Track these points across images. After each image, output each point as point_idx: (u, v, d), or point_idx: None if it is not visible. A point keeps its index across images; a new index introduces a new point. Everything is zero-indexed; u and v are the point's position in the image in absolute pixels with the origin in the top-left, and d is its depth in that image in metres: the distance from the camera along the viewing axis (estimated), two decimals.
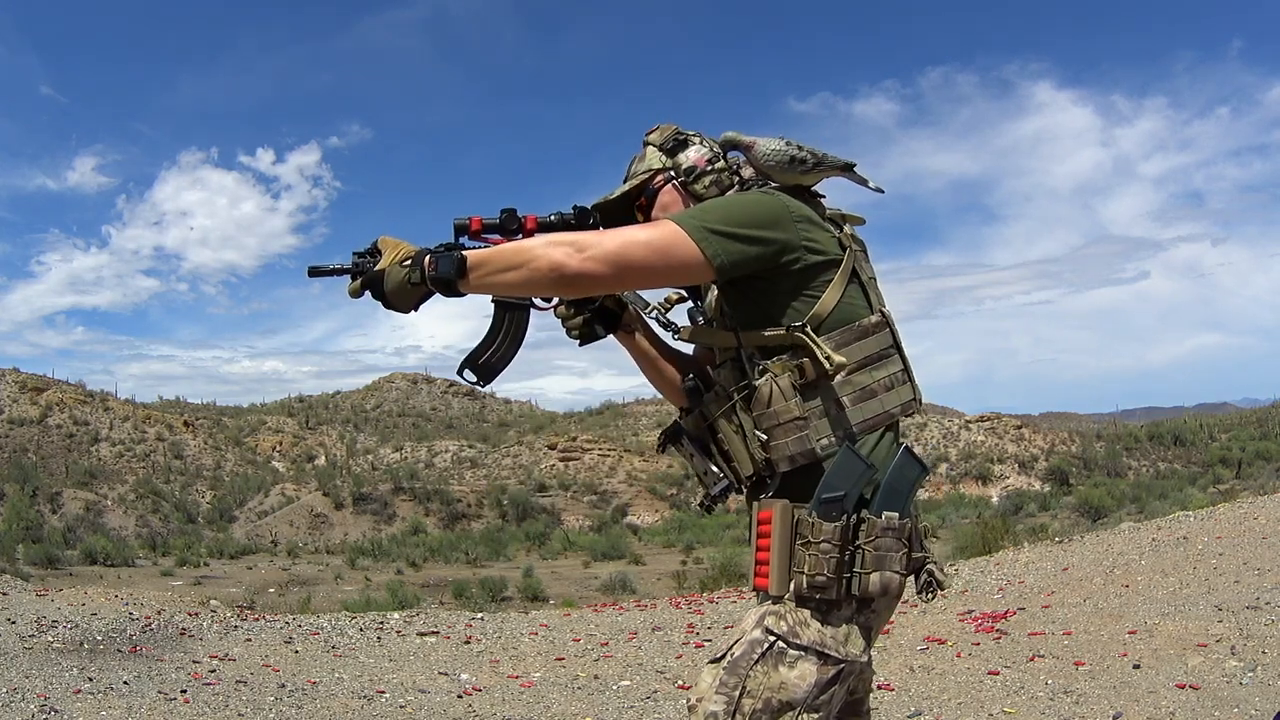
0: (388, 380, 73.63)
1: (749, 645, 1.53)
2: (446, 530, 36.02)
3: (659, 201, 1.75)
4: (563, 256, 1.49)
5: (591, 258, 1.49)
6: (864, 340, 1.60)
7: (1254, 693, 4.01)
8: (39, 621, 6.40)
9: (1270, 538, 7.38)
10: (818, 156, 1.66)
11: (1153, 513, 15.59)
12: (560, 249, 1.49)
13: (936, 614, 6.09)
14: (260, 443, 56.36)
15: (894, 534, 1.51)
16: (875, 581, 1.50)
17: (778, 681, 1.50)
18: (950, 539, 13.88)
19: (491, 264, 1.54)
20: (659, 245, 1.52)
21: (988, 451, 43.01)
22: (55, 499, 37.92)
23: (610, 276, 1.52)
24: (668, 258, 1.52)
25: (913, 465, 1.56)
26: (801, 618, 1.52)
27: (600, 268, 1.50)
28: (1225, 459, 33.61)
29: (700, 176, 1.72)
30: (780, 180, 1.67)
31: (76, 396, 51.95)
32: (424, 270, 1.55)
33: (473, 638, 6.51)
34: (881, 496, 1.53)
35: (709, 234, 1.52)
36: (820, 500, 1.51)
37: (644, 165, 1.77)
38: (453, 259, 1.54)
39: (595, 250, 1.49)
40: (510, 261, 1.52)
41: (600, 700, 4.79)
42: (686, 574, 18.41)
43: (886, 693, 4.50)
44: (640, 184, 1.76)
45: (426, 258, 1.56)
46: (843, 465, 1.52)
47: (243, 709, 4.48)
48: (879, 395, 1.59)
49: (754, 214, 1.56)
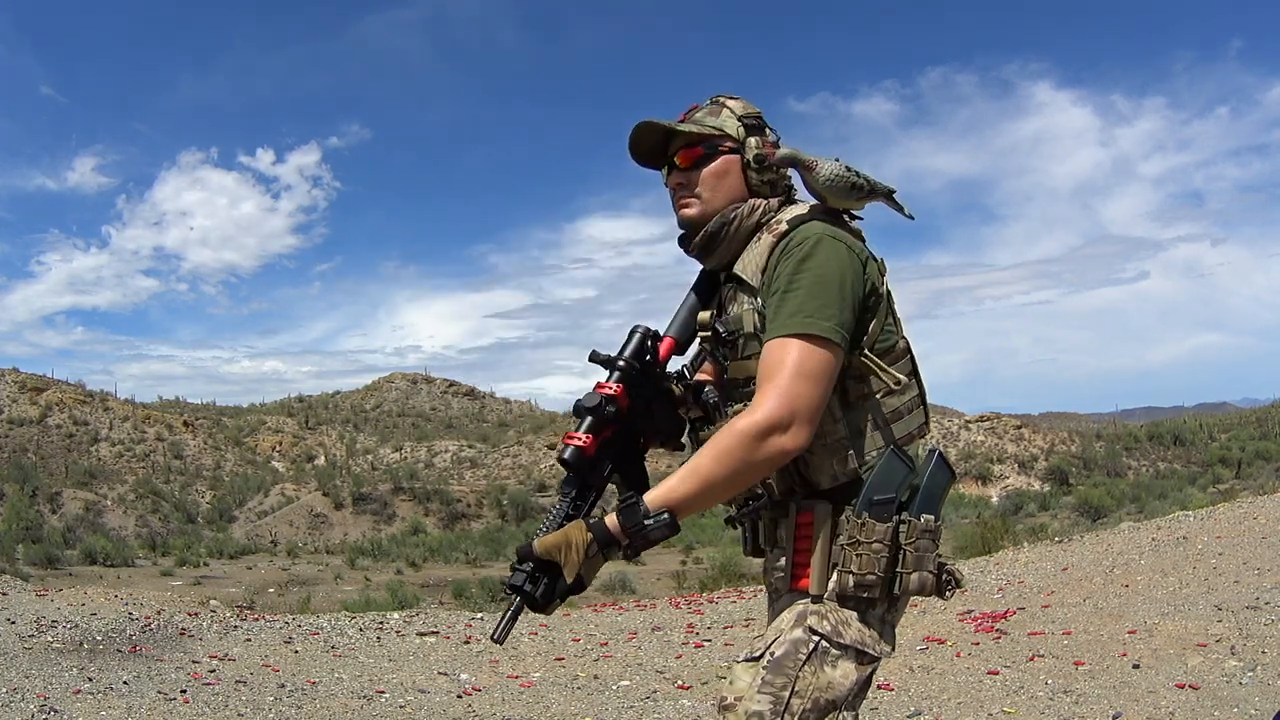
0: (387, 380, 73.51)
1: (792, 645, 1.53)
2: (446, 530, 35.99)
3: (715, 167, 1.67)
4: (779, 445, 1.46)
5: (800, 430, 1.47)
6: (898, 364, 1.63)
7: (1254, 692, 4.01)
8: (39, 621, 6.40)
9: (1270, 537, 7.38)
10: (871, 184, 1.65)
11: (1152, 512, 15.60)
12: (772, 439, 1.46)
13: (936, 614, 6.09)
14: (260, 443, 56.31)
15: (930, 536, 1.54)
16: (915, 580, 1.53)
17: (825, 681, 1.51)
18: (950, 539, 13.88)
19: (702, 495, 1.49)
20: (821, 373, 1.49)
21: (987, 451, 42.97)
22: (55, 499, 37.88)
23: (814, 432, 1.51)
24: (832, 378, 1.52)
25: (944, 471, 1.60)
26: (844, 617, 1.54)
27: (810, 434, 1.49)
28: (1225, 459, 33.55)
29: (766, 169, 1.67)
30: (832, 203, 1.66)
31: (76, 396, 51.91)
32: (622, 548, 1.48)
33: (472, 638, 6.51)
34: (920, 500, 1.55)
35: (837, 328, 1.51)
36: (873, 502, 1.53)
37: (717, 122, 1.68)
38: (665, 524, 1.46)
39: (799, 422, 1.47)
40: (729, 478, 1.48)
41: (600, 700, 4.79)
42: (686, 574, 18.41)
43: (886, 692, 4.50)
44: (707, 136, 1.67)
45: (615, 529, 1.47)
46: (890, 468, 1.55)
47: (242, 709, 4.48)
48: (903, 418, 1.63)
49: (847, 280, 1.55)
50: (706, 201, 1.68)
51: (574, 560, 1.45)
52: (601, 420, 1.57)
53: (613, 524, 1.47)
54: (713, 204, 1.67)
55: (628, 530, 1.46)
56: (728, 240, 1.67)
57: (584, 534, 1.47)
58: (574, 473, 1.57)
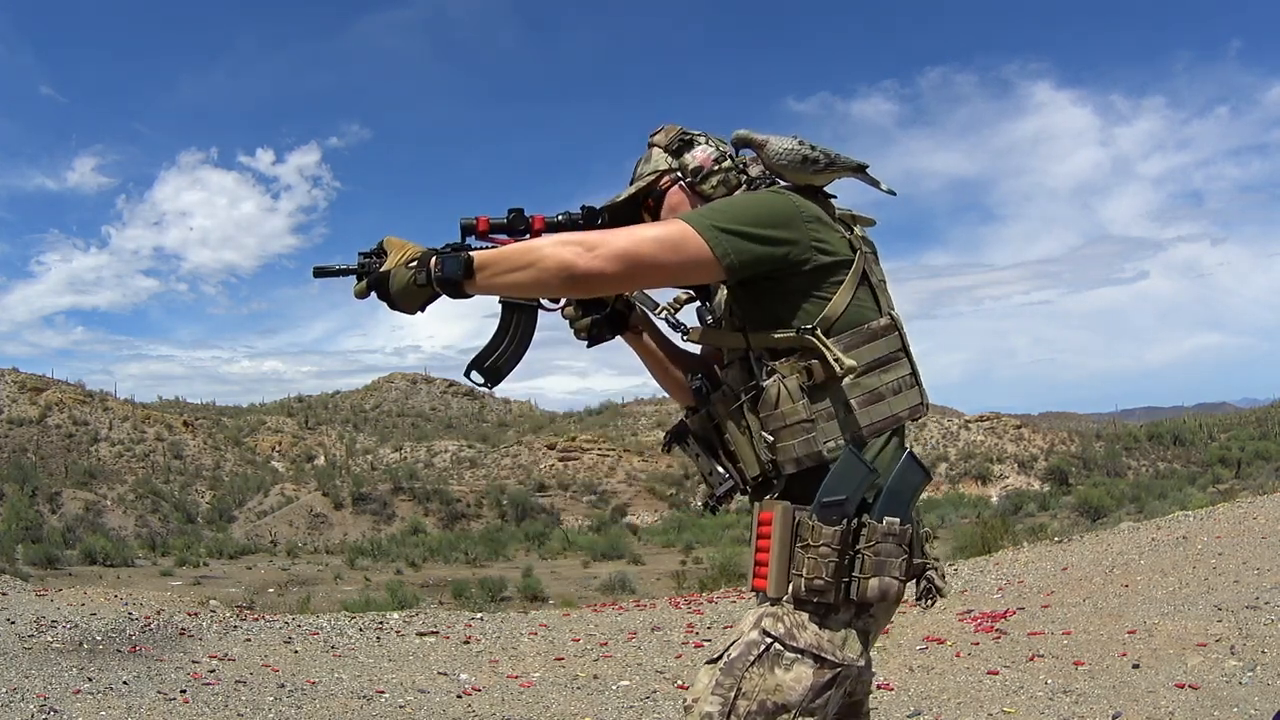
0: (387, 380, 73.54)
1: (745, 646, 1.53)
2: (446, 530, 36.00)
3: (667, 203, 1.73)
4: (572, 256, 1.47)
5: (601, 256, 1.47)
6: (873, 343, 1.59)
7: (1253, 692, 4.01)
8: (38, 621, 6.40)
9: (1269, 537, 7.38)
10: (830, 156, 1.63)
11: (1152, 512, 15.60)
12: (569, 248, 1.48)
13: (936, 614, 6.09)
14: (259, 443, 56.31)
15: (894, 539, 1.50)
16: (874, 587, 1.49)
17: (773, 684, 1.49)
18: (950, 539, 13.89)
19: (499, 264, 1.52)
20: (669, 243, 1.50)
21: (987, 451, 42.99)
22: (54, 499, 37.88)
23: (620, 275, 1.50)
24: (678, 255, 1.50)
25: (915, 470, 1.55)
26: (799, 620, 1.52)
27: (610, 266, 1.48)
28: (1224, 459, 33.57)
29: (707, 176, 1.70)
30: (791, 180, 1.64)
31: (76, 396, 51.89)
32: (430, 271, 1.53)
33: (472, 638, 6.51)
34: (883, 501, 1.52)
35: (719, 232, 1.51)
36: (820, 504, 1.50)
37: (650, 167, 1.75)
38: (459, 260, 1.52)
39: (604, 249, 1.48)
40: (518, 261, 1.51)
41: (600, 700, 4.80)
42: (686, 574, 18.40)
43: (886, 692, 4.50)
44: (647, 185, 1.74)
45: (433, 259, 1.53)
46: (845, 469, 1.50)
47: (242, 709, 4.48)
48: (886, 399, 1.58)
49: (763, 213, 1.55)
50: None
51: (397, 258, 1.56)
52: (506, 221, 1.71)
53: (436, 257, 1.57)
54: None
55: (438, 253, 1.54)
56: None
57: (419, 249, 1.58)
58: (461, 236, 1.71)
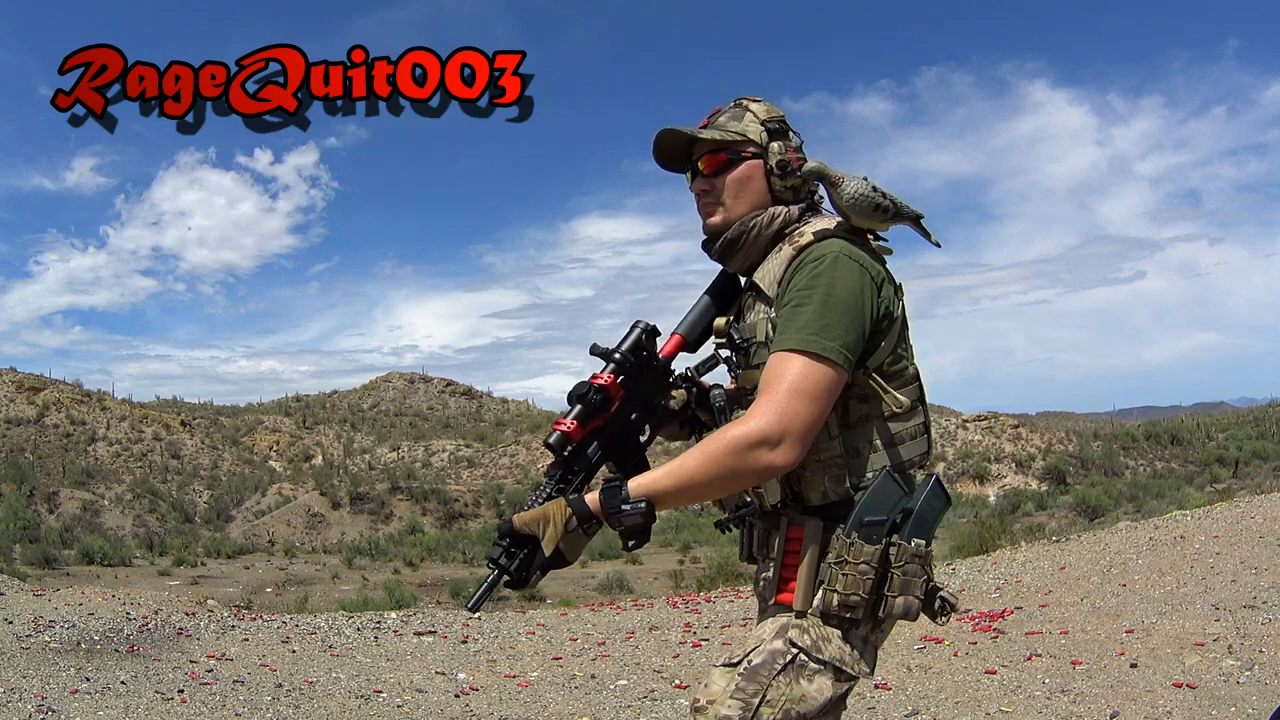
0: (385, 380, 73.45)
1: (770, 655, 1.54)
2: (443, 530, 36.00)
3: (739, 173, 1.66)
4: (767, 460, 1.45)
5: (790, 448, 1.46)
6: (905, 389, 1.61)
7: (1251, 691, 4.02)
8: (36, 621, 6.39)
9: (1267, 537, 7.39)
10: (897, 206, 1.62)
11: (1150, 512, 15.62)
12: (759, 453, 1.45)
13: None
14: (257, 442, 56.27)
15: (920, 561, 1.52)
16: (900, 605, 1.52)
17: (799, 694, 1.51)
18: (947, 538, 13.88)
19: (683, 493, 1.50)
20: (817, 392, 1.47)
21: (985, 451, 43.01)
22: (52, 499, 37.84)
23: (806, 452, 1.50)
24: (831, 399, 1.50)
25: (940, 496, 1.58)
26: (825, 634, 1.54)
27: (801, 453, 1.48)
28: (1222, 458, 33.62)
29: (789, 175, 1.66)
30: (855, 222, 1.62)
31: (73, 396, 51.83)
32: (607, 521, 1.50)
33: (470, 637, 6.51)
34: (913, 524, 1.54)
35: (846, 355, 1.50)
36: (863, 523, 1.52)
37: (740, 127, 1.67)
38: (640, 512, 1.48)
39: (790, 438, 1.46)
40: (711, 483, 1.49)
41: (597, 700, 4.79)
42: (683, 573, 18.43)
43: (883, 692, 4.51)
44: (730, 142, 1.66)
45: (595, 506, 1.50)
46: (884, 490, 1.53)
47: (240, 709, 4.48)
48: (905, 443, 1.61)
49: (855, 305, 1.53)
50: (729, 208, 1.67)
51: (552, 534, 1.50)
52: (589, 409, 1.60)
53: (593, 501, 1.51)
54: (735, 210, 1.67)
55: (605, 509, 1.49)
56: (746, 247, 1.67)
57: (563, 509, 1.51)
58: (558, 457, 1.61)
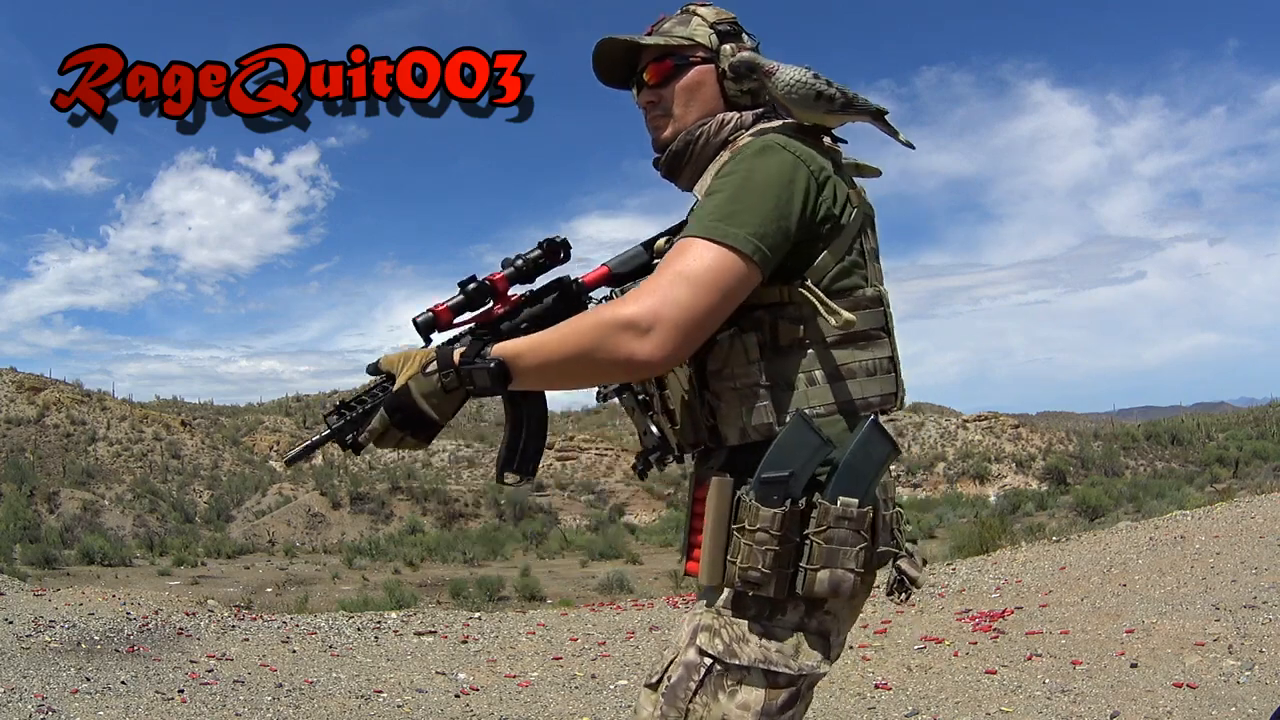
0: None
1: (685, 669, 1.32)
2: (444, 530, 35.98)
3: (687, 80, 1.50)
4: (629, 348, 1.25)
5: (659, 340, 1.25)
6: (860, 313, 1.37)
7: (1251, 691, 4.02)
8: (36, 621, 6.39)
9: (1267, 537, 7.38)
10: (848, 96, 1.41)
11: (1150, 512, 15.61)
12: (621, 336, 1.26)
13: (934, 613, 6.10)
14: (257, 442, 56.25)
15: (851, 524, 1.26)
16: (824, 580, 1.26)
17: (719, 714, 1.29)
18: (947, 538, 13.91)
19: (541, 365, 1.32)
20: (712, 283, 1.27)
21: (985, 451, 43.02)
22: (52, 499, 37.83)
23: (684, 350, 1.29)
24: (730, 295, 1.29)
25: (880, 442, 1.29)
26: (738, 632, 1.31)
27: (675, 349, 1.27)
28: (1222, 458, 33.66)
29: (743, 78, 1.47)
30: (799, 117, 1.43)
31: (73, 396, 51.81)
32: (460, 375, 1.35)
33: (470, 637, 6.51)
34: (838, 479, 1.27)
35: (756, 244, 1.29)
36: (760, 480, 1.27)
37: (687, 32, 1.51)
38: (488, 368, 1.33)
39: (660, 329, 1.25)
40: (566, 361, 1.31)
41: (597, 700, 4.80)
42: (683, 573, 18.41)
43: (884, 692, 4.51)
44: (677, 46, 1.50)
45: (455, 355, 1.36)
46: (792, 438, 1.27)
47: (240, 709, 4.47)
48: (858, 378, 1.36)
49: (786, 193, 1.32)
50: (679, 118, 1.51)
51: (408, 371, 1.38)
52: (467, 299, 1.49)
53: (456, 353, 1.37)
54: (685, 120, 1.51)
55: (462, 359, 1.35)
56: (694, 158, 1.50)
57: (426, 352, 1.40)
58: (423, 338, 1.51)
